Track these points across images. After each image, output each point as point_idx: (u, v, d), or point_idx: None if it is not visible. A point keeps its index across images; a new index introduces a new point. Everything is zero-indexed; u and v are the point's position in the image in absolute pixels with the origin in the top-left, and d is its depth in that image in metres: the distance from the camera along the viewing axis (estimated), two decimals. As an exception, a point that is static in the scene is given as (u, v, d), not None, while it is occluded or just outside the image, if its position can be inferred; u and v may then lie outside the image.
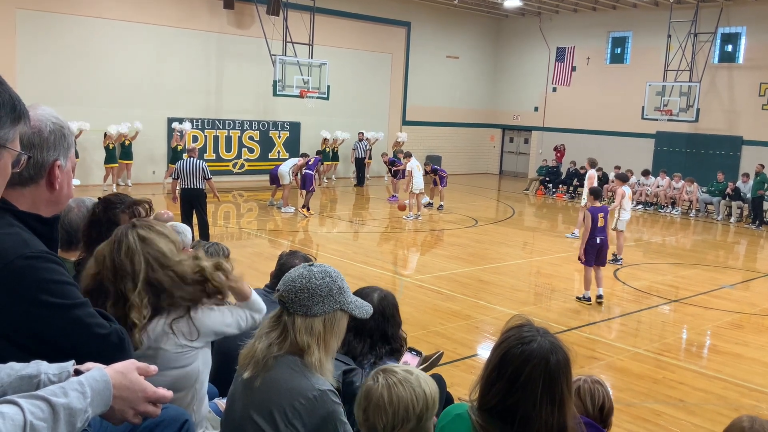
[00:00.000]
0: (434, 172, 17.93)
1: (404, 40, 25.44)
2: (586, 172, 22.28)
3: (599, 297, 9.43)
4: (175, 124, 19.14)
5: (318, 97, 20.33)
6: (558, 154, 24.46)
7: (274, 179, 16.85)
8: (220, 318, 2.71)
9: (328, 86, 20.44)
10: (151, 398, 1.60)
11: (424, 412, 2.17)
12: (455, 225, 15.69)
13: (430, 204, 18.02)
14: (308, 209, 15.88)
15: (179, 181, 11.83)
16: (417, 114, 26.12)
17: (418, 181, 15.94)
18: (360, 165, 22.61)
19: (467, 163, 27.98)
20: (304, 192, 16.07)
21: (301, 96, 19.91)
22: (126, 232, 2.56)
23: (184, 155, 13.07)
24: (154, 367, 1.65)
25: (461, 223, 15.94)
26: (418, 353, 2.57)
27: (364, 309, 2.40)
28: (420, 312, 8.62)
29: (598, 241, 9.42)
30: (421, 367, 4.29)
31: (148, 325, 2.54)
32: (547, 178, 23.15)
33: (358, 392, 2.25)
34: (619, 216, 12.23)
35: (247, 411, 2.33)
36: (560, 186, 22.85)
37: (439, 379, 3.90)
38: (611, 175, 21.81)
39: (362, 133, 22.84)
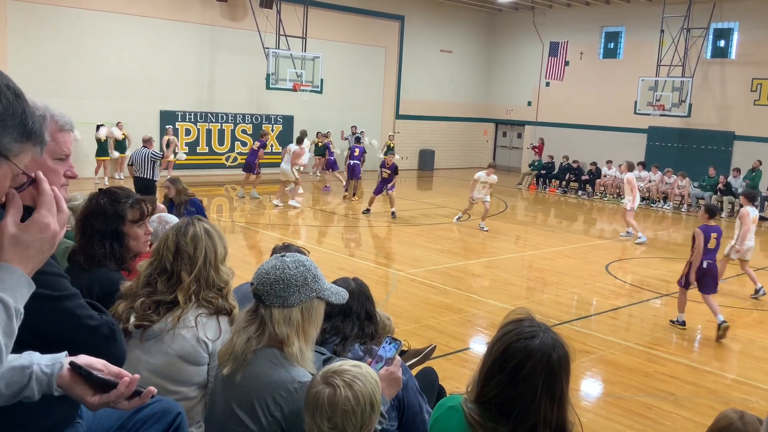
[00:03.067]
0: (395, 171, 15.43)
1: (398, 33, 25.39)
2: (577, 166, 22.48)
3: (723, 322, 7.93)
4: (166, 136, 18.70)
5: (311, 91, 20.29)
6: (536, 150, 24.49)
7: (250, 167, 17.25)
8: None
9: (322, 80, 20.40)
10: (113, 372, 1.65)
11: (378, 400, 2.09)
12: (448, 219, 15.70)
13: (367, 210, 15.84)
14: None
15: (133, 168, 12.20)
16: (410, 108, 26.11)
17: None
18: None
19: (460, 157, 27.99)
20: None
21: (294, 89, 19.86)
22: (193, 222, 2.81)
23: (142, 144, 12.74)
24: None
25: (454, 216, 15.95)
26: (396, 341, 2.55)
27: (340, 295, 2.40)
28: (412, 305, 8.64)
29: (705, 265, 8.21)
30: (415, 360, 4.31)
31: (186, 311, 2.69)
32: (543, 172, 23.15)
33: (307, 403, 2.08)
34: (738, 243, 9.95)
35: (229, 406, 2.33)
36: (553, 180, 22.87)
37: (431, 372, 3.92)
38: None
39: (355, 127, 22.72)
